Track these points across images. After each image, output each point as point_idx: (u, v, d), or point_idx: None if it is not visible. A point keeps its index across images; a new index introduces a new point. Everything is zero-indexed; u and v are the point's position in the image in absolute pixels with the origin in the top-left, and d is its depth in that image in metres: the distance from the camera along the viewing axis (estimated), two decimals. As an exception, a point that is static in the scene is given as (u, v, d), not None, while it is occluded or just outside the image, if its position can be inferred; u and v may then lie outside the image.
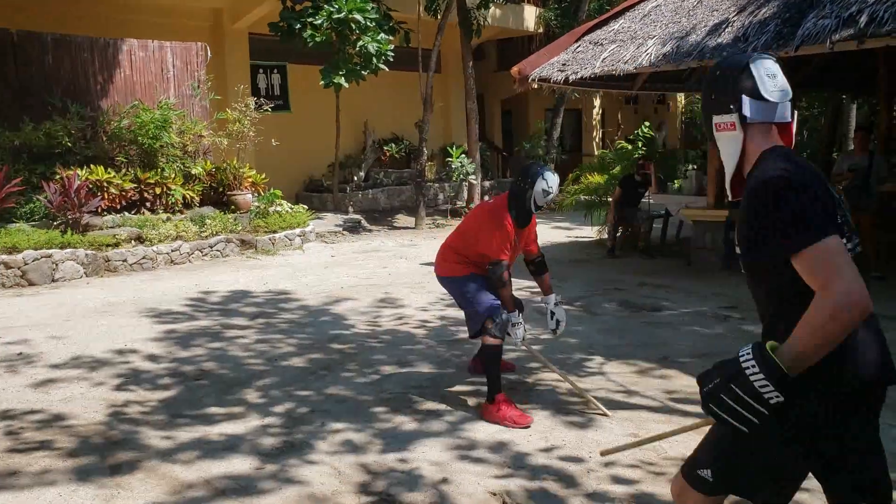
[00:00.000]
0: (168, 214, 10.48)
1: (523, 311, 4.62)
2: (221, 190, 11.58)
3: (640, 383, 4.88)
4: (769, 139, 1.96)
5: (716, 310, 6.90)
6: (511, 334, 4.40)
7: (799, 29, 6.86)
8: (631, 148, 12.27)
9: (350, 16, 12.31)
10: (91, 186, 9.79)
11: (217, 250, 10.28)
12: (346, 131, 14.75)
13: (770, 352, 1.69)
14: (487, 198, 16.83)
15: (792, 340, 1.69)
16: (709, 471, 2.05)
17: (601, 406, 4.34)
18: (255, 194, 11.98)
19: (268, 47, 14.44)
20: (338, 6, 12.27)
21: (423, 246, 11.68)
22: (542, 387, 4.82)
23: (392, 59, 13.28)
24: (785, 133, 2.00)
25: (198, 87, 12.00)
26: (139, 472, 3.62)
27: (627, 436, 3.97)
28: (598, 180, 11.57)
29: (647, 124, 13.94)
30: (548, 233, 12.32)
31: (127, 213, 10.22)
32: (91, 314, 7.03)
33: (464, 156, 15.21)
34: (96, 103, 11.11)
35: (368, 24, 12.58)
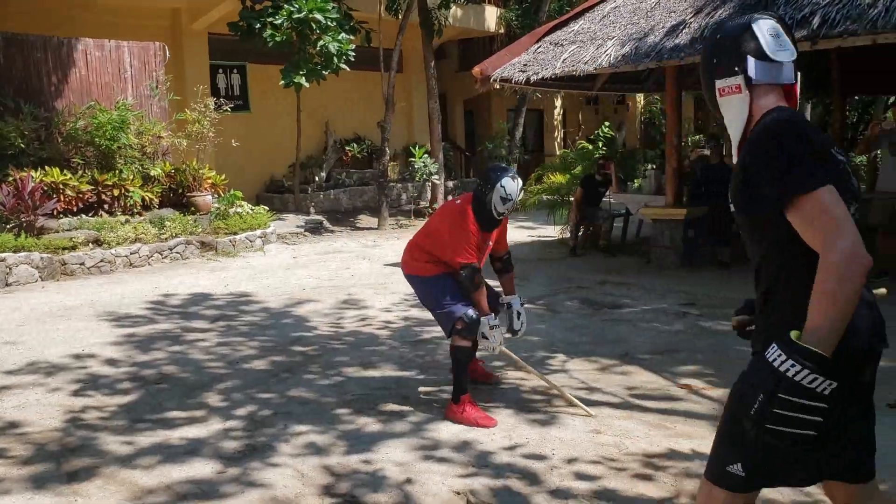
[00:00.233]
0: (127, 216, 10.32)
1: (498, 314, 4.53)
2: (181, 191, 11.43)
3: (601, 380, 4.93)
4: (775, 100, 1.89)
5: (675, 307, 7.00)
6: (488, 339, 4.26)
7: (754, 30, 6.98)
8: (592, 148, 12.39)
9: (310, 15, 12.23)
10: (46, 188, 9.60)
11: (177, 252, 10.15)
12: (307, 131, 14.66)
13: (803, 345, 1.59)
14: (450, 198, 16.86)
15: (813, 319, 1.61)
16: (738, 465, 1.86)
17: (583, 405, 4.33)
18: (216, 195, 11.84)
19: (227, 47, 14.29)
20: (298, 6, 12.19)
21: (386, 247, 11.66)
22: (505, 385, 4.84)
23: (353, 59, 13.23)
24: (790, 96, 1.93)
25: (156, 87, 11.83)
26: (97, 479, 3.56)
27: (589, 432, 4.01)
28: (560, 180, 11.65)
29: (607, 124, 14.10)
30: (511, 232, 12.26)
31: (84, 216, 10.03)
32: (47, 319, 6.89)
33: (427, 156, 15.22)
34: (51, 104, 10.88)
35: (329, 23, 12.52)
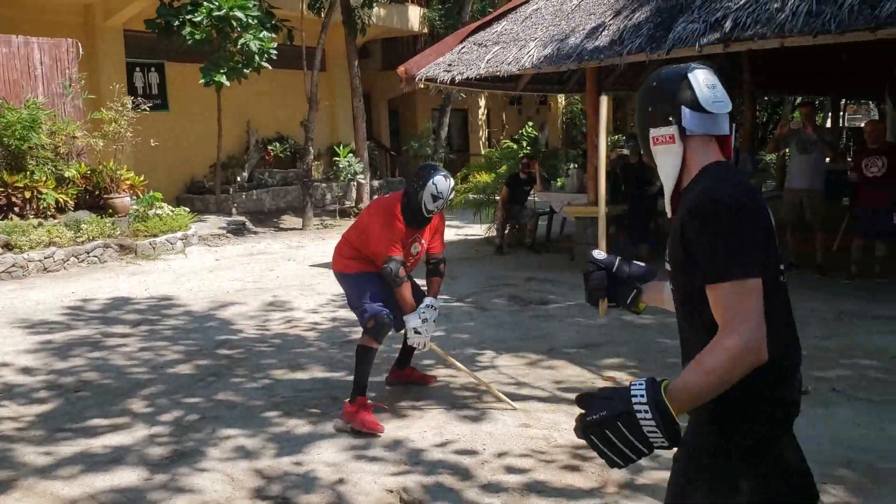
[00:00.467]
0: (40, 220, 9.92)
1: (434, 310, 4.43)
2: (98, 193, 11.06)
3: (529, 374, 5.02)
4: (710, 153, 1.86)
5: (599, 302, 7.15)
6: (420, 333, 4.24)
7: (670, 33, 7.21)
8: (516, 147, 12.55)
9: (231, 13, 12.01)
10: (-50, 191, 9.16)
11: (94, 256, 9.82)
12: (228, 131, 14.38)
13: (665, 399, 1.59)
14: (380, 195, 16.80)
15: (685, 381, 1.63)
16: None
17: (508, 400, 4.40)
18: (134, 197, 11.51)
19: (145, 45, 13.89)
20: (218, 3, 11.96)
21: (311, 247, 11.55)
22: (436, 383, 4.88)
23: (275, 58, 13.06)
24: (724, 146, 1.90)
25: (69, 85, 11.41)
26: (15, 492, 3.44)
27: (519, 426, 4.08)
28: (485, 179, 11.77)
29: (530, 124, 14.32)
30: (437, 231, 12.41)
31: (-8, 219, 9.62)
32: (-45, 327, 6.59)
33: (351, 155, 15.13)
34: (-47, 102, 10.39)
35: (250, 21, 12.32)
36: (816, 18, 6.30)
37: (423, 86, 9.71)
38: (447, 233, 4.29)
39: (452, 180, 4.32)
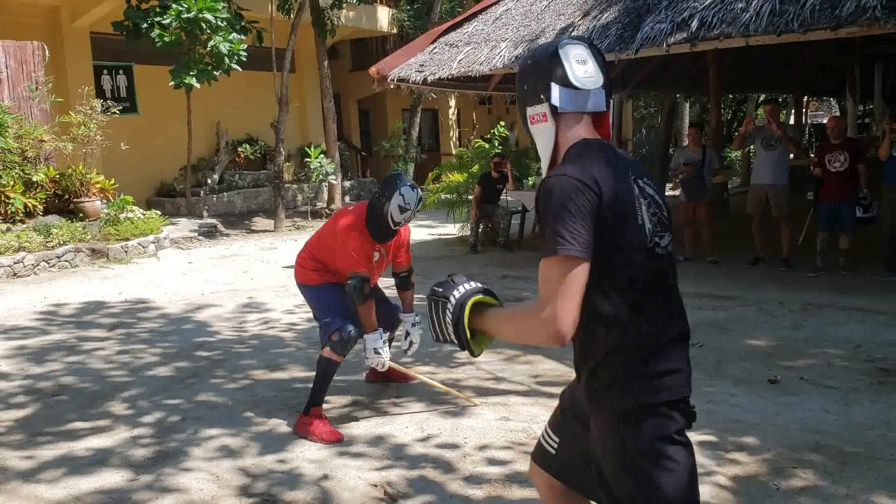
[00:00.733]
0: (8, 224, 9.81)
1: (392, 331, 4.43)
2: (67, 197, 10.95)
3: (507, 370, 5.10)
4: (582, 131, 1.84)
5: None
6: (380, 354, 4.10)
7: (638, 32, 7.35)
8: (488, 147, 12.62)
9: (200, 15, 11.94)
10: (-83, 196, 9.03)
11: (66, 261, 9.73)
12: (198, 133, 14.30)
13: (466, 309, 1.87)
14: (348, 198, 16.80)
15: (497, 316, 1.86)
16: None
17: (465, 396, 4.48)
18: (105, 201, 11.41)
19: (112, 47, 13.74)
20: (187, 5, 11.88)
21: (284, 249, 11.54)
22: (415, 381, 4.93)
23: (245, 59, 13.00)
24: (600, 124, 1.89)
25: (36, 88, 11.28)
26: (-1, 496, 3.44)
27: (499, 420, 4.16)
28: (458, 178, 11.83)
29: (502, 124, 14.39)
30: (412, 231, 12.46)
31: (-40, 225, 9.49)
32: (-74, 334, 6.51)
33: (322, 156, 15.12)
34: (-84, 106, 10.22)
35: (219, 23, 12.25)
36: (780, 18, 6.48)
37: (394, 86, 9.76)
38: (420, 233, 4.39)
39: (419, 191, 4.17)
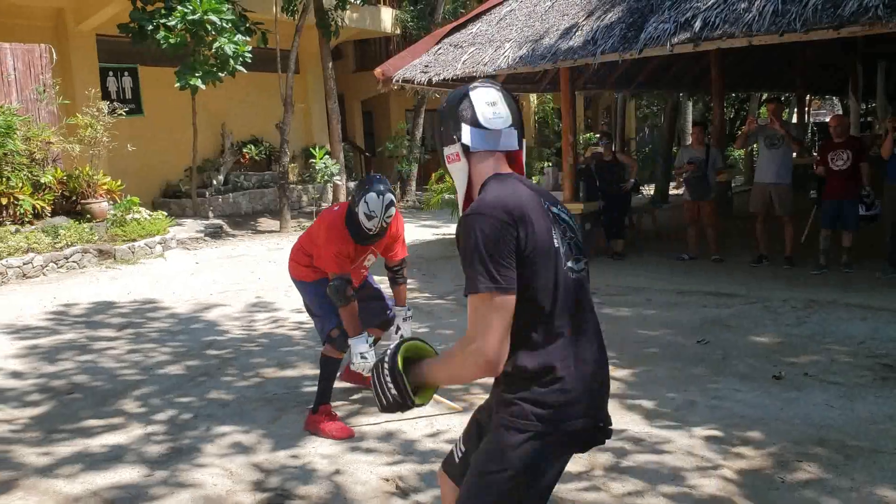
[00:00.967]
0: (17, 226, 9.89)
1: (386, 330, 4.40)
2: (74, 199, 11.03)
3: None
4: (493, 167, 1.94)
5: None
6: (366, 358, 3.97)
7: (642, 33, 7.40)
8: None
9: (205, 17, 12.01)
10: (-74, 198, 9.10)
11: (73, 261, 9.81)
12: (203, 134, 14.35)
13: (398, 363, 1.89)
14: (326, 208, 16.82)
15: (429, 365, 1.91)
16: None
17: (448, 402, 4.41)
18: (111, 202, 11.48)
19: (117, 49, 13.82)
20: (192, 7, 11.95)
21: (289, 249, 11.57)
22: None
23: (250, 61, 13.07)
24: (513, 160, 1.99)
25: (44, 91, 11.35)
26: (18, 491, 3.51)
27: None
28: (461, 178, 11.87)
29: (505, 123, 14.41)
30: (415, 231, 12.53)
31: (-31, 227, 9.57)
32: (-61, 334, 6.59)
33: (327, 156, 15.18)
34: (-75, 109, 10.29)
35: (224, 25, 12.32)
36: (782, 18, 6.53)
37: (399, 87, 9.82)
38: (424, 233, 4.41)
39: (391, 195, 3.87)
